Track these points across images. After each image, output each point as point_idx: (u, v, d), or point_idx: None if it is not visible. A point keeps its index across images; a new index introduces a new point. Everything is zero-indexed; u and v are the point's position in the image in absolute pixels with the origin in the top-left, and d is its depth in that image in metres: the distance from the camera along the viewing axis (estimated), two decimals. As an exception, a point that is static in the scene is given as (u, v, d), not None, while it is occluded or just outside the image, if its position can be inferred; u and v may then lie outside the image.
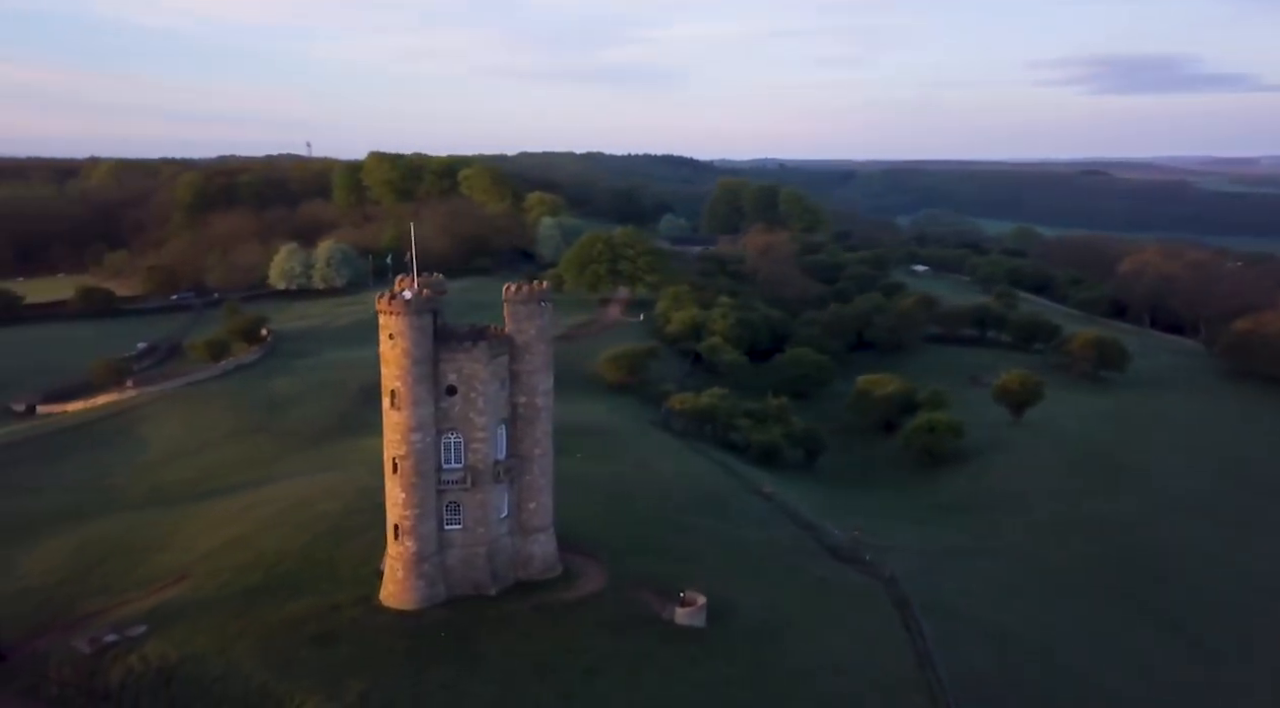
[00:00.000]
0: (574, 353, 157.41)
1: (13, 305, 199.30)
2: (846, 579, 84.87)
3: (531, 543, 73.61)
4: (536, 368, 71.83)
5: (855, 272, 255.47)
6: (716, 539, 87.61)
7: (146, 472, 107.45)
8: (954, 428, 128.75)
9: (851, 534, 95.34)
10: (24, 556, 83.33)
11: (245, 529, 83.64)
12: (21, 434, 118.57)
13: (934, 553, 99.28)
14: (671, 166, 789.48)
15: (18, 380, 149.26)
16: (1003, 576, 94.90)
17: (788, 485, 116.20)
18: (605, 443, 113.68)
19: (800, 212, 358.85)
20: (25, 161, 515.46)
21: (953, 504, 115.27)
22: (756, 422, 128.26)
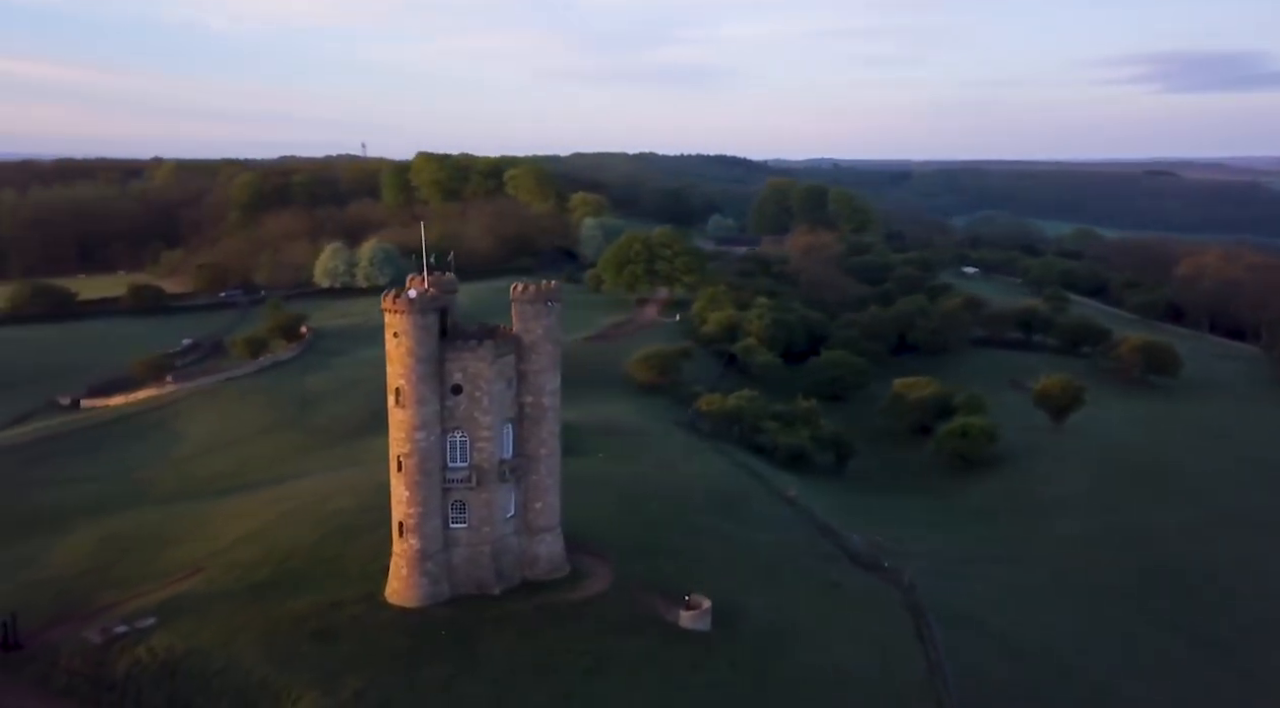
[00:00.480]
0: (607, 353, 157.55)
1: (67, 302, 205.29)
2: (862, 585, 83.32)
3: (537, 543, 73.38)
4: (543, 368, 71.55)
5: (902, 273, 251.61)
6: (730, 542, 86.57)
7: (177, 466, 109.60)
8: (987, 433, 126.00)
9: (871, 540, 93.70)
10: (52, 546, 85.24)
11: (262, 524, 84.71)
12: (62, 428, 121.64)
13: (958, 560, 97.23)
14: (724, 167, 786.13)
15: (68, 375, 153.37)
16: (1028, 586, 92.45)
17: (814, 489, 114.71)
18: (629, 443, 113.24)
19: (849, 212, 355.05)
20: (94, 162, 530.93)
21: (983, 511, 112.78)
22: (784, 424, 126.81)
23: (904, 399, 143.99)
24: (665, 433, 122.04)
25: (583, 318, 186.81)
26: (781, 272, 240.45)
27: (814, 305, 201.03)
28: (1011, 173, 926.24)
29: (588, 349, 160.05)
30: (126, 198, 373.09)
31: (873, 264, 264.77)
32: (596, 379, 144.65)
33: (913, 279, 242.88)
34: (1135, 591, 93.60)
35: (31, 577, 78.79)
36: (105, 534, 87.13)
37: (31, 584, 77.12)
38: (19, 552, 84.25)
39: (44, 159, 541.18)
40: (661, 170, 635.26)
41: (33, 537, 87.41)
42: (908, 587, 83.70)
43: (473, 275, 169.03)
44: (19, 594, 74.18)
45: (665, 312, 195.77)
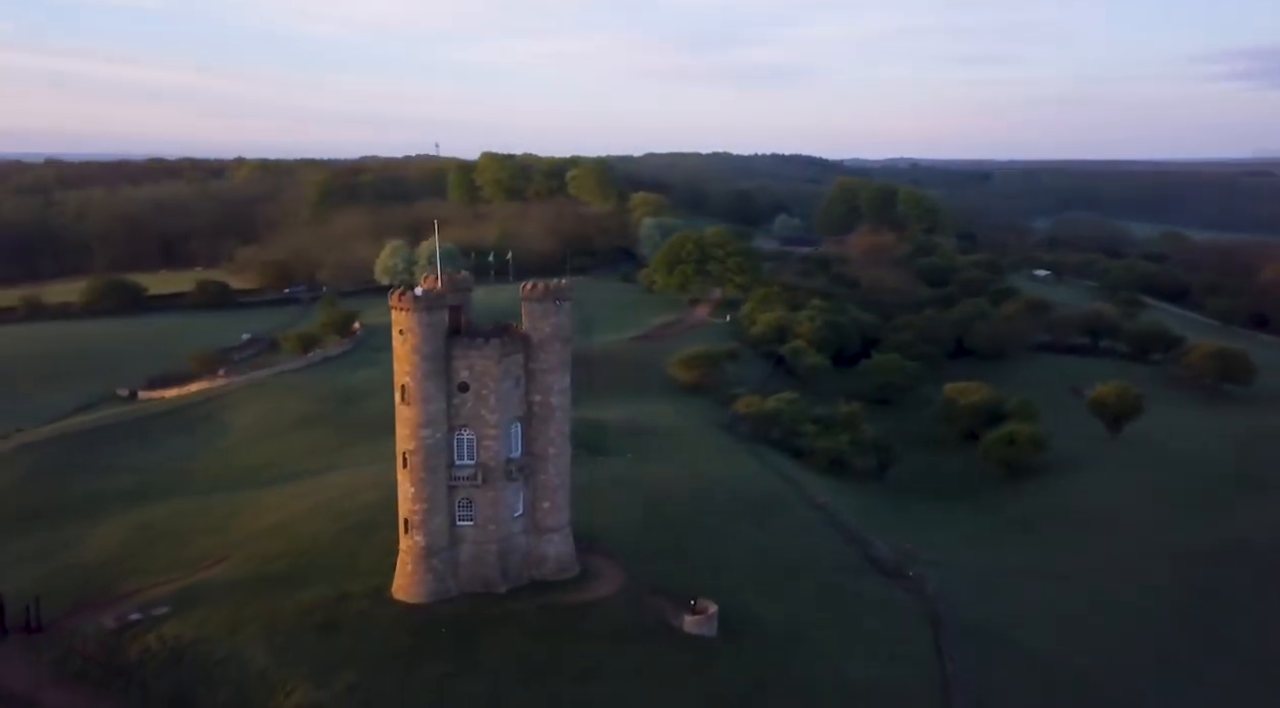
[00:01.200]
0: (653, 353, 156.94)
1: (138, 297, 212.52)
2: (882, 595, 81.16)
3: (545, 543, 73.06)
4: (551, 367, 71.20)
5: (968, 276, 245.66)
6: (750, 547, 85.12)
7: (219, 458, 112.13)
8: (1035, 441, 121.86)
9: (899, 547, 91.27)
10: (86, 534, 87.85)
11: (287, 516, 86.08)
12: (113, 418, 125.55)
13: (993, 572, 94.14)
14: (799, 167, 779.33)
15: (133, 367, 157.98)
16: (1066, 603, 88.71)
17: (852, 495, 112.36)
18: (662, 444, 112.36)
19: (920, 212, 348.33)
20: (181, 162, 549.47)
21: (1026, 522, 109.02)
22: (824, 428, 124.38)
23: (955, 405, 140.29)
24: (701, 435, 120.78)
25: (634, 317, 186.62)
26: (841, 273, 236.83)
27: (871, 308, 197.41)
28: (1099, 172, 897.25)
29: (633, 349, 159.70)
30: (207, 197, 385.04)
31: (938, 266, 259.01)
32: (639, 379, 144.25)
33: (978, 282, 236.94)
34: (1182, 613, 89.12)
35: (63, 562, 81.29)
36: (139, 523, 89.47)
37: (62, 569, 79.53)
38: (54, 537, 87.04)
39: (136, 159, 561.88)
40: (734, 170, 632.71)
41: (69, 523, 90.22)
42: (930, 597, 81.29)
43: (531, 274, 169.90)
44: (49, 579, 76.59)
45: (716, 312, 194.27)
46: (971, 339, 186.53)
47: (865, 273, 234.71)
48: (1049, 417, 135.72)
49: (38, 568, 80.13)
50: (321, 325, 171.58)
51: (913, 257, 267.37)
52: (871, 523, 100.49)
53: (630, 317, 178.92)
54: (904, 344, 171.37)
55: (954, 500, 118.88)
